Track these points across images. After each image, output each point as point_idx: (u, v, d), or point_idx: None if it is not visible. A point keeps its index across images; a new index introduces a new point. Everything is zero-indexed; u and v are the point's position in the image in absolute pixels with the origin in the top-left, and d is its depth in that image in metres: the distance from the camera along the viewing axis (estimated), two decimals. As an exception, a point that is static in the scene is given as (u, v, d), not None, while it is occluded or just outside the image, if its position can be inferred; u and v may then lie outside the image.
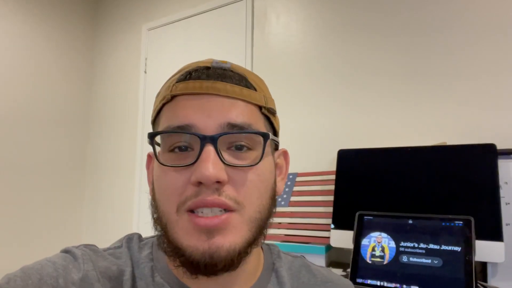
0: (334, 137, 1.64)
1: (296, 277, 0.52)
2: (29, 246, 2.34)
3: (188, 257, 0.39)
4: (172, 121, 0.42)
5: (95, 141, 2.74)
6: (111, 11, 2.79)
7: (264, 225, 0.44)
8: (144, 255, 0.47)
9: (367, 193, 1.26)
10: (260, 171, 0.43)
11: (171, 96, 0.43)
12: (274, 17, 1.90)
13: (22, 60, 2.40)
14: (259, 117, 0.45)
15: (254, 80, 0.47)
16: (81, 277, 0.40)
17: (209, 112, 0.41)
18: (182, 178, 0.40)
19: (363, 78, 1.59)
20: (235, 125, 0.41)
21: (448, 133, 1.37)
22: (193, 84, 0.43)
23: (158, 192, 0.43)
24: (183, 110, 0.42)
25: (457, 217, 0.97)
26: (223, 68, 0.45)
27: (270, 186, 0.45)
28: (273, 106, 0.48)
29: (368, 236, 1.06)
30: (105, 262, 0.44)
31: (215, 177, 0.38)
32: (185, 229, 0.40)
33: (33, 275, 0.38)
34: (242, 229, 0.41)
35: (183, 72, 0.45)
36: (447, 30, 1.42)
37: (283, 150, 0.53)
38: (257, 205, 0.42)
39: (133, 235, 0.51)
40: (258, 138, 0.43)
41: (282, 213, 1.46)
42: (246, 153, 0.42)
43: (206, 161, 0.38)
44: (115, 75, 2.68)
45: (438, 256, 0.94)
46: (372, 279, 0.99)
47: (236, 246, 0.39)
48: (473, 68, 1.36)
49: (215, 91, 0.42)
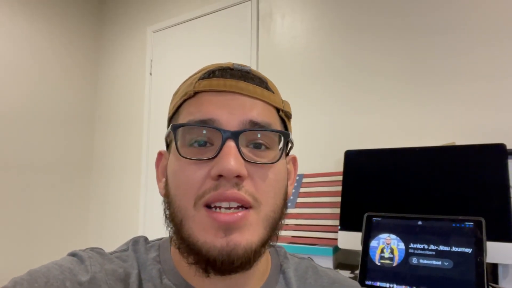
0: (340, 137, 1.62)
1: (303, 278, 0.52)
2: (36, 245, 2.35)
3: (205, 254, 0.38)
4: (195, 115, 0.43)
5: (101, 142, 2.76)
6: (116, 13, 2.80)
7: (277, 225, 0.44)
8: (151, 257, 0.47)
9: (375, 194, 1.25)
10: (277, 170, 0.43)
11: (193, 92, 0.44)
12: (279, 18, 1.89)
13: (28, 62, 2.41)
14: (277, 119, 0.47)
15: (272, 85, 0.48)
16: (88, 279, 0.40)
17: (231, 109, 0.42)
18: (201, 172, 0.40)
19: (369, 78, 1.58)
20: (256, 123, 0.42)
21: (457, 133, 1.36)
22: (217, 81, 0.44)
23: (174, 186, 0.43)
24: (206, 105, 0.43)
25: (468, 218, 0.96)
26: (244, 70, 0.46)
27: (284, 187, 0.46)
28: (289, 110, 0.50)
29: (377, 237, 1.05)
30: (112, 265, 0.44)
31: (237, 171, 0.38)
32: (202, 224, 0.39)
33: (40, 278, 0.38)
34: (259, 227, 0.41)
35: (206, 71, 0.46)
36: (454, 30, 1.41)
37: (292, 156, 0.53)
38: (272, 204, 0.42)
39: (139, 238, 0.51)
40: (276, 138, 0.44)
41: (288, 215, 1.45)
42: (264, 152, 0.43)
43: (228, 155, 0.39)
44: (120, 77, 2.69)
45: (448, 257, 0.93)
46: (381, 281, 0.98)
47: (253, 244, 0.39)
48: (482, 67, 1.34)
49: (238, 89, 0.43)
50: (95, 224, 2.70)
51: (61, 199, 2.55)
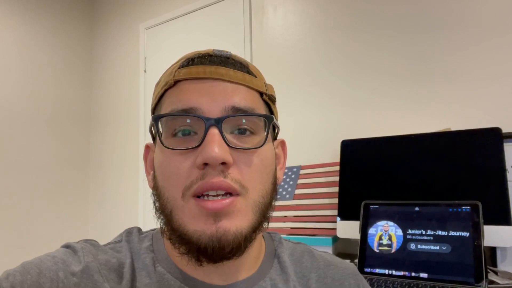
0: (336, 128, 1.62)
1: (299, 262, 0.52)
2: (35, 245, 2.36)
3: (196, 242, 0.38)
4: (176, 104, 0.42)
5: (98, 140, 2.75)
6: (108, 11, 2.79)
7: (267, 210, 0.44)
8: (144, 246, 0.47)
9: (372, 182, 1.25)
10: (263, 155, 0.43)
11: (174, 82, 0.43)
12: (272, 9, 1.88)
13: (21, 62, 2.40)
14: (261, 103, 0.46)
15: (254, 69, 0.47)
16: (81, 268, 0.40)
17: (212, 96, 0.41)
18: (187, 162, 0.40)
19: (362, 67, 1.58)
20: (239, 109, 0.42)
21: (452, 119, 1.36)
22: (196, 69, 0.43)
23: (161, 178, 0.42)
24: (187, 94, 0.42)
25: (464, 202, 0.96)
26: (224, 55, 0.45)
27: (272, 172, 0.45)
28: (273, 93, 0.49)
29: (375, 225, 1.05)
30: (106, 256, 0.44)
31: (221, 157, 0.38)
32: (192, 214, 0.39)
33: (32, 270, 0.38)
34: (247, 213, 0.41)
35: (185, 59, 0.45)
36: (450, 12, 1.40)
37: (281, 140, 0.53)
38: (260, 189, 0.42)
39: (133, 228, 0.51)
40: (260, 122, 0.44)
41: (287, 207, 1.45)
42: (249, 137, 0.42)
43: (211, 142, 0.38)
44: (115, 75, 2.68)
45: (446, 242, 0.93)
46: (380, 268, 0.98)
47: (243, 230, 0.39)
48: (475, 50, 1.34)
49: (219, 75, 0.42)
50: (94, 222, 2.70)
51: (59, 198, 2.55)
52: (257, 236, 0.44)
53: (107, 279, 0.41)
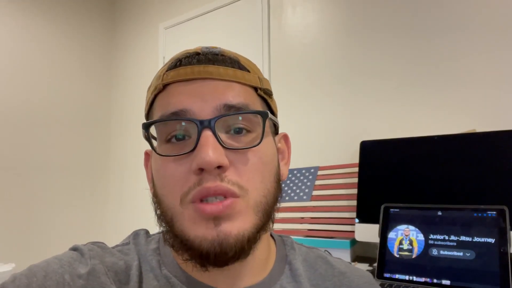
0: (356, 128, 1.59)
1: (313, 268, 0.50)
2: (55, 246, 2.39)
3: (197, 248, 0.37)
4: (166, 109, 0.41)
5: (118, 140, 2.78)
6: (127, 11, 2.82)
7: (271, 210, 0.42)
8: (151, 248, 0.46)
9: (392, 185, 1.22)
10: (261, 153, 0.41)
11: (162, 85, 0.42)
12: (291, 8, 1.86)
13: (42, 63, 2.45)
14: (256, 99, 0.44)
15: (246, 63, 0.46)
16: (88, 271, 0.40)
17: (203, 96, 0.40)
18: (183, 168, 0.39)
19: (384, 66, 1.54)
20: (232, 106, 0.40)
21: (478, 120, 1.31)
22: (184, 70, 0.42)
23: (159, 186, 0.42)
24: (176, 96, 0.41)
25: (490, 207, 0.92)
26: (213, 52, 0.44)
27: (274, 169, 0.44)
28: (269, 87, 0.47)
29: (395, 229, 1.02)
30: (113, 258, 0.44)
31: (216, 161, 0.37)
32: (192, 219, 0.38)
33: (38, 273, 0.38)
34: (249, 214, 0.39)
35: (173, 61, 0.44)
36: (475, 13, 1.35)
37: (283, 134, 0.51)
38: (261, 189, 0.41)
39: (140, 230, 0.51)
40: (256, 119, 0.42)
41: (304, 208, 1.43)
42: (246, 136, 0.41)
43: (205, 146, 0.37)
44: (134, 75, 2.71)
45: (470, 248, 0.90)
46: (400, 274, 0.96)
47: (245, 232, 0.38)
48: (501, 51, 1.29)
49: (208, 74, 0.41)
50: (112, 224, 2.73)
51: (79, 200, 2.59)
52: (263, 236, 0.42)
53: (113, 281, 0.41)
